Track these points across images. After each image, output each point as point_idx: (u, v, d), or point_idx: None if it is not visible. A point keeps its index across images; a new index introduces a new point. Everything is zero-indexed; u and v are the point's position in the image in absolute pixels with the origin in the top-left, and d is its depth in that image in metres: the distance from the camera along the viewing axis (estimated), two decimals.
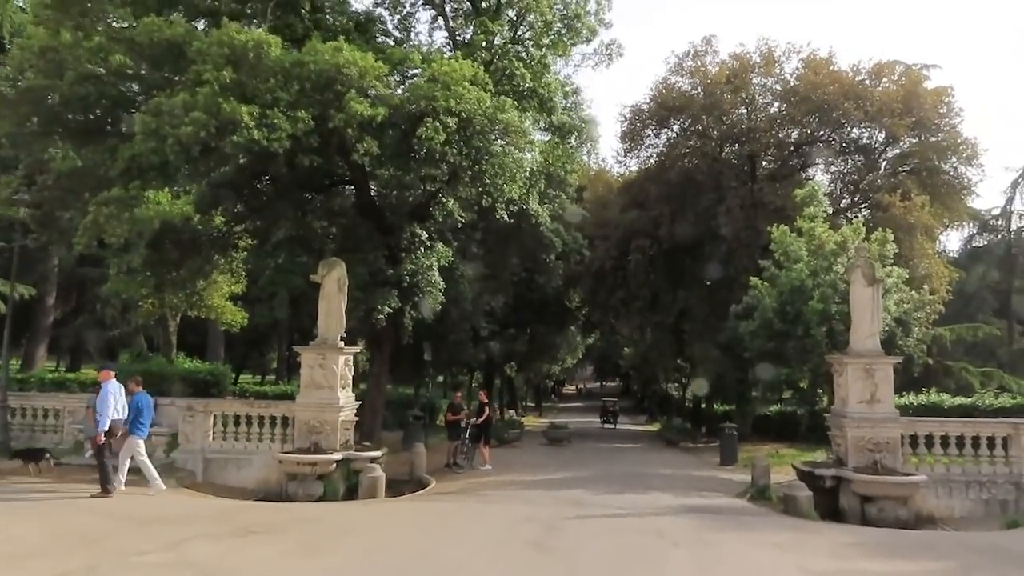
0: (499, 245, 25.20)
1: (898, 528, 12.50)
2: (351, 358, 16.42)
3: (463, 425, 19.77)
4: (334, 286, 15.94)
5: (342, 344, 15.81)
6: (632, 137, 32.84)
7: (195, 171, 13.79)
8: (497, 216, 20.44)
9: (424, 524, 10.39)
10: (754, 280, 21.56)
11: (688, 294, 31.77)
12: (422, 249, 18.92)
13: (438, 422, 27.63)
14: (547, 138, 21.72)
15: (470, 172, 17.25)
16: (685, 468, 20.81)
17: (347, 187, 20.20)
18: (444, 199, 18.59)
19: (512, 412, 46.96)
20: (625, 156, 34.33)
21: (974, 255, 45.75)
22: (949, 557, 8.69)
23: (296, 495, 14.26)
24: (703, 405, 39.27)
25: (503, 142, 15.75)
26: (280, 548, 8.05)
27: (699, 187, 30.11)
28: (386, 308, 18.59)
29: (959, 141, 29.48)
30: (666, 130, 32.78)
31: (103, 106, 13.57)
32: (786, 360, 19.63)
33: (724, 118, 30.51)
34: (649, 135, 33.13)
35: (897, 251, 19.69)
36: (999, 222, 46.74)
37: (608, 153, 63.73)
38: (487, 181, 17.80)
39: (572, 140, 20.39)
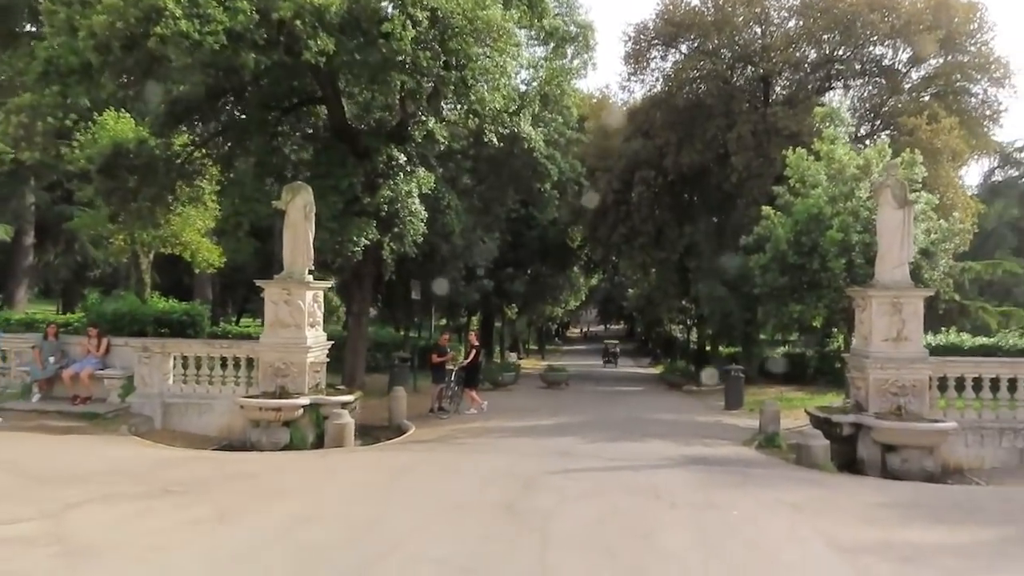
0: (491, 174, 23.34)
1: (924, 480, 11.18)
2: (321, 294, 14.91)
3: (449, 367, 18.40)
4: (299, 213, 14.33)
5: (310, 278, 14.32)
6: (636, 59, 30.49)
7: (121, 74, 11.92)
8: (485, 140, 18.63)
9: (381, 480, 8.99)
10: (766, 209, 19.75)
11: (694, 229, 29.98)
12: (401, 174, 17.14)
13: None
14: (540, 52, 19.67)
15: (452, 85, 15.38)
16: (688, 413, 19.49)
17: (319, 106, 18.28)
18: (424, 117, 16.71)
19: (514, 355, 45.98)
20: (629, 80, 32.13)
21: (994, 190, 43.71)
22: (1003, 522, 7.24)
23: (260, 443, 13.01)
24: (708, 347, 37.98)
25: (485, 48, 13.77)
26: (190, 514, 6.64)
27: (708, 112, 27.98)
28: (363, 240, 16.96)
29: (990, 60, 27.19)
30: (673, 51, 30.45)
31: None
32: (800, 296, 18.00)
33: (736, 36, 28.19)
34: (655, 57, 30.82)
35: (927, 174, 17.81)
36: (1022, 155, 44.44)
37: (612, 79, 61.54)
38: (472, 97, 15.92)
39: (568, 50, 18.29)
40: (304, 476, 9.28)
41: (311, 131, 18.98)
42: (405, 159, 17.20)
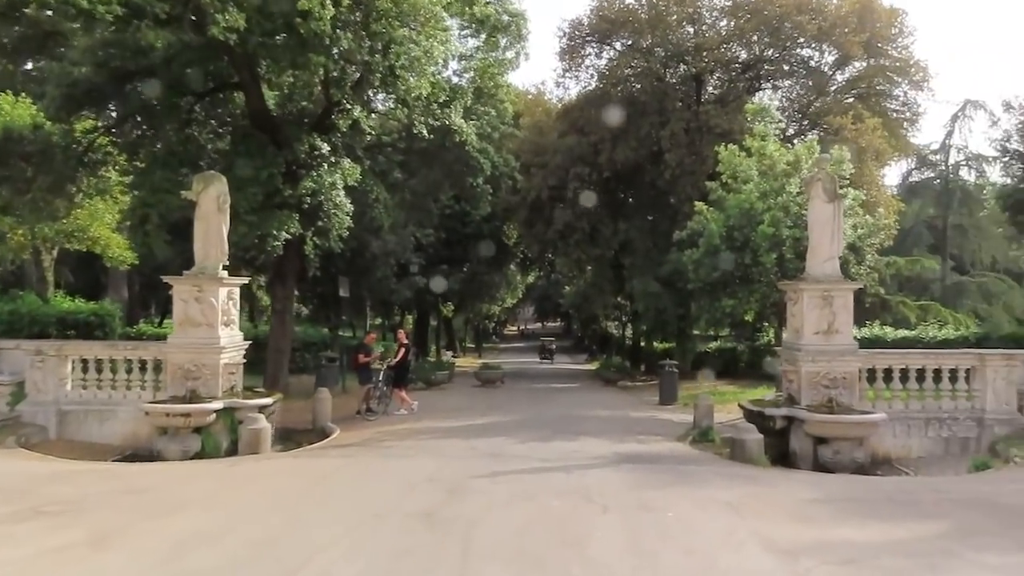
0: (422, 168, 22.62)
1: (854, 472, 11.17)
2: (236, 291, 13.99)
3: (375, 367, 17.65)
4: (212, 205, 13.42)
5: (224, 273, 13.39)
6: (571, 55, 30.28)
7: (7, 49, 10.78)
8: (415, 132, 17.98)
9: (294, 490, 8.28)
10: (699, 205, 19.74)
11: (629, 226, 29.94)
12: (325, 166, 16.29)
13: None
14: (472, 43, 19.14)
15: (380, 73, 14.72)
16: (622, 409, 19.29)
17: (236, 93, 17.25)
18: (349, 106, 15.92)
19: (450, 353, 45.29)
20: (564, 76, 31.83)
21: (912, 190, 45.48)
22: (937, 516, 7.10)
23: (167, 452, 12.04)
24: (642, 343, 38.18)
25: (412, 32, 13.13)
26: (60, 539, 5.81)
27: (642, 110, 27.96)
28: (284, 233, 16.07)
29: (910, 63, 28.14)
30: (608, 48, 30.38)
31: None
32: (732, 291, 18.01)
33: (669, 35, 28.26)
34: (590, 53, 30.68)
35: (854, 170, 18.09)
36: (937, 157, 46.37)
37: (548, 75, 62.96)
38: (401, 87, 15.28)
39: (500, 40, 17.78)
40: (208, 487, 8.46)
41: (228, 118, 17.92)
42: (329, 149, 16.37)
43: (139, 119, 16.84)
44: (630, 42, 29.22)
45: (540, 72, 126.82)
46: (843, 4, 26.82)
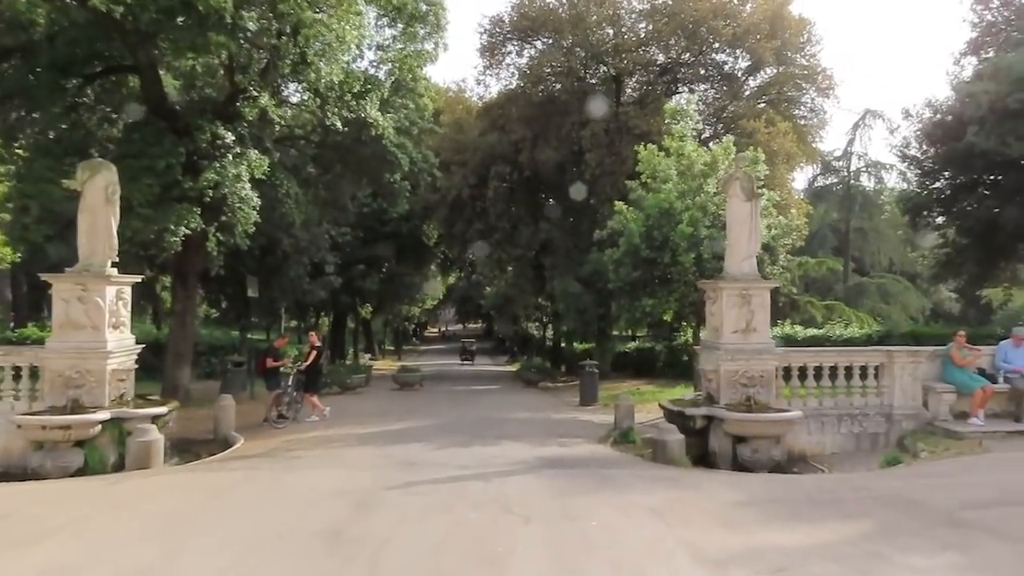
0: (338, 163, 21.71)
1: (772, 470, 11.22)
2: (127, 290, 12.84)
3: (285, 371, 16.68)
4: (100, 195, 12.30)
5: (113, 271, 12.25)
6: (492, 52, 29.93)
7: None
8: (329, 123, 17.16)
9: (184, 509, 7.45)
10: (619, 205, 19.71)
11: (549, 226, 29.86)
12: (229, 156, 15.24)
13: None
14: (389, 32, 18.44)
15: (289, 58, 13.89)
16: (543, 410, 19.01)
17: (131, 76, 15.96)
18: (256, 93, 14.95)
19: (368, 356, 44.16)
20: (485, 73, 31.51)
21: (817, 194, 47.56)
22: (858, 515, 7.02)
23: (44, 469, 10.85)
24: (563, 343, 38.23)
25: (322, 14, 12.38)
26: None
27: (563, 109, 27.91)
28: (183, 228, 14.94)
29: (817, 71, 29.23)
30: (528, 46, 30.18)
31: None
32: (652, 291, 18.01)
33: (590, 35, 28.31)
34: (511, 51, 30.43)
35: (768, 172, 18.45)
36: (840, 163, 48.66)
37: (469, 73, 63.60)
38: (312, 75, 14.49)
39: (418, 30, 17.16)
40: (83, 510, 7.50)
41: (120, 103, 16.57)
42: (234, 139, 15.33)
43: (18, 101, 15.31)
44: (551, 41, 29.14)
45: (461, 70, 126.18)
46: (756, 11, 27.57)
